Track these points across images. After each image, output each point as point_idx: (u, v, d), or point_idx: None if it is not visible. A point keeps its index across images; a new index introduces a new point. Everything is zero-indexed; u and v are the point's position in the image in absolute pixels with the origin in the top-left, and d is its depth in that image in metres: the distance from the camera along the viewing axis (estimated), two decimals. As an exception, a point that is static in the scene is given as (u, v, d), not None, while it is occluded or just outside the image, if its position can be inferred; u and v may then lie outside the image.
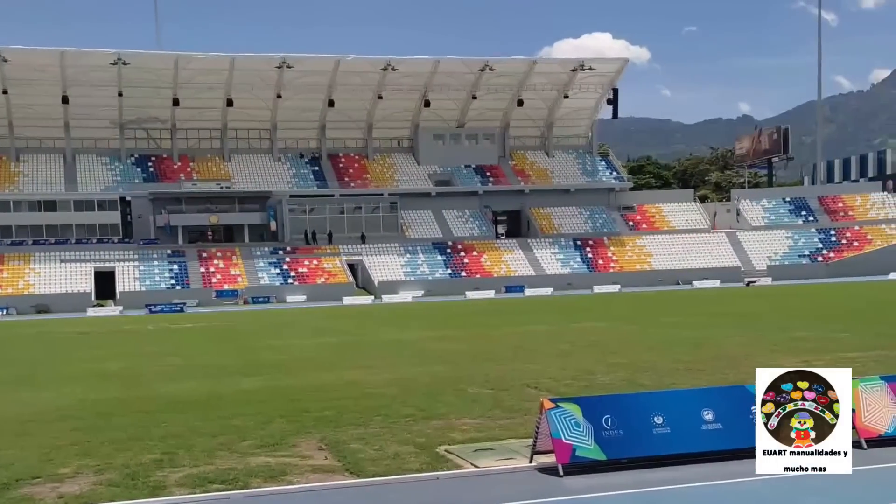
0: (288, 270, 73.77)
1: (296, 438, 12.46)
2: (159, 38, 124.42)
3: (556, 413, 9.93)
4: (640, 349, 22.92)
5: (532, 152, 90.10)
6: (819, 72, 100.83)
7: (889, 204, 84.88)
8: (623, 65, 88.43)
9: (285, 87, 79.82)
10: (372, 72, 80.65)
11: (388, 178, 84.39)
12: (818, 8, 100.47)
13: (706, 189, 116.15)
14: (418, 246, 78.44)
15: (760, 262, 78.32)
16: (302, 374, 20.34)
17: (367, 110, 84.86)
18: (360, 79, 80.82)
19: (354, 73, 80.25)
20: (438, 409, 14.38)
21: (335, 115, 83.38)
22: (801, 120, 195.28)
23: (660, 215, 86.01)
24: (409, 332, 32.93)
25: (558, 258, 78.78)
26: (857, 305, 38.46)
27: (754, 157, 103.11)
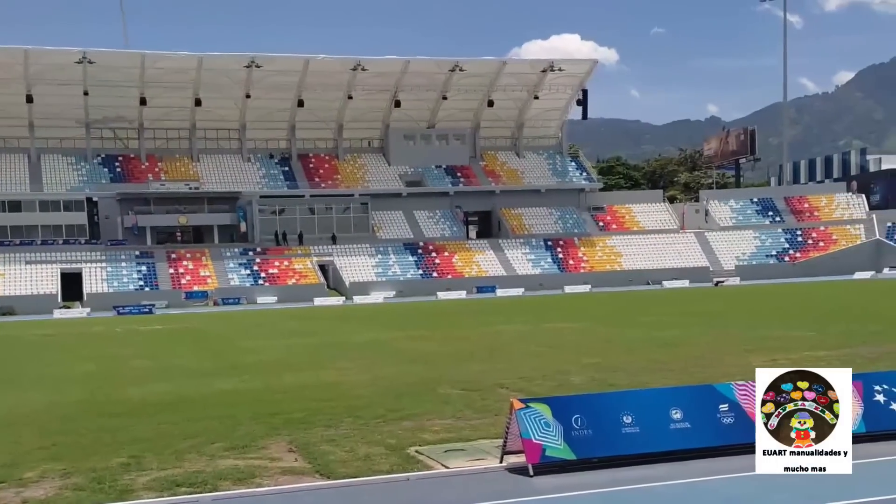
0: (258, 271, 73.39)
1: (265, 440, 12.39)
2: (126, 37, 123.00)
3: (525, 413, 9.94)
4: (610, 349, 23.02)
5: (502, 153, 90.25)
6: (784, 74, 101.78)
7: (853, 204, 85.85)
8: (592, 66, 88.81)
9: (254, 87, 79.35)
10: (342, 72, 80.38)
11: (359, 178, 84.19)
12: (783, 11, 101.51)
13: (675, 190, 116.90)
14: (389, 246, 78.33)
15: (729, 262, 78.94)
16: (272, 375, 20.22)
17: (337, 110, 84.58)
18: (329, 79, 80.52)
19: (324, 73, 79.95)
20: (409, 410, 14.36)
21: (305, 115, 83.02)
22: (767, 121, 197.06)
23: (629, 216, 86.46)
24: (380, 333, 32.83)
25: (529, 258, 78.97)
26: (823, 305, 38.87)
27: (722, 158, 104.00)
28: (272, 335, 34.42)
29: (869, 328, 25.35)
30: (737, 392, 10.68)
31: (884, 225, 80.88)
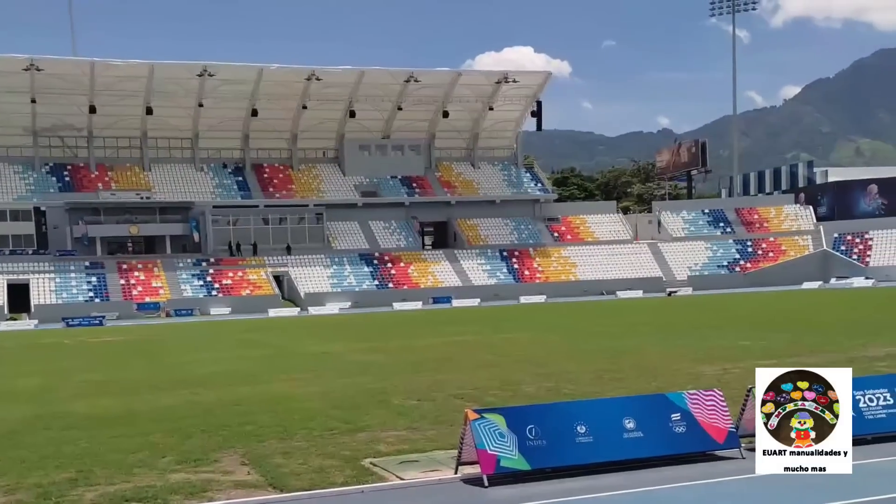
0: (212, 282, 72.63)
1: (217, 454, 12.24)
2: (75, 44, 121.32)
3: (480, 424, 9.93)
4: (565, 359, 23.10)
5: (458, 163, 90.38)
6: (734, 88, 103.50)
7: (801, 216, 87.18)
8: (546, 78, 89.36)
9: (207, 96, 78.51)
10: (296, 81, 79.94)
11: (314, 188, 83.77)
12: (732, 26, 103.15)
13: (629, 201, 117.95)
14: (345, 257, 78.00)
15: (681, 273, 79.72)
16: (225, 387, 20.02)
17: (291, 120, 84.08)
18: (283, 88, 79.98)
19: (278, 82, 79.42)
20: (364, 422, 14.30)
21: (259, 125, 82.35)
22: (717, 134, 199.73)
23: (584, 226, 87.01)
24: (335, 344, 32.69)
25: (485, 269, 79.11)
26: (772, 315, 39.38)
27: (674, 170, 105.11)
28: (225, 347, 34.10)
29: (816, 337, 25.75)
30: (688, 401, 10.77)
31: (831, 236, 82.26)
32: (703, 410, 10.73)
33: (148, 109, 76.99)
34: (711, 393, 11.01)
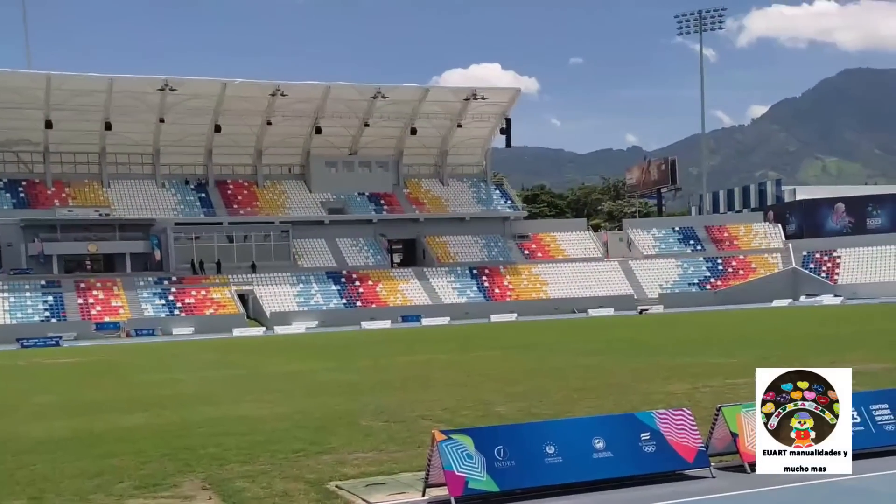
0: (174, 301, 71.78)
1: (177, 478, 11.90)
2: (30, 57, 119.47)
3: (447, 445, 9.73)
4: (535, 378, 22.94)
5: (426, 180, 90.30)
6: (702, 106, 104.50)
7: (771, 234, 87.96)
8: (515, 94, 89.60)
9: (168, 111, 77.64)
10: (260, 97, 79.40)
11: (280, 205, 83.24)
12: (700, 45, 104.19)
13: (599, 218, 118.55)
14: (311, 275, 77.49)
15: (652, 290, 79.97)
16: (187, 409, 19.63)
17: (256, 136, 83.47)
18: (248, 104, 79.31)
19: (242, 97, 78.76)
20: (330, 443, 14.02)
21: (222, 141, 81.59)
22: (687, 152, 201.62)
23: (554, 244, 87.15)
24: (300, 364, 32.36)
25: (454, 287, 78.93)
26: (742, 332, 39.55)
27: (644, 188, 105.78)
28: (188, 367, 33.63)
29: (786, 355, 25.75)
30: (658, 420, 10.64)
31: (799, 253, 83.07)
32: (672, 430, 10.60)
33: (107, 125, 75.89)
34: (681, 412, 10.88)
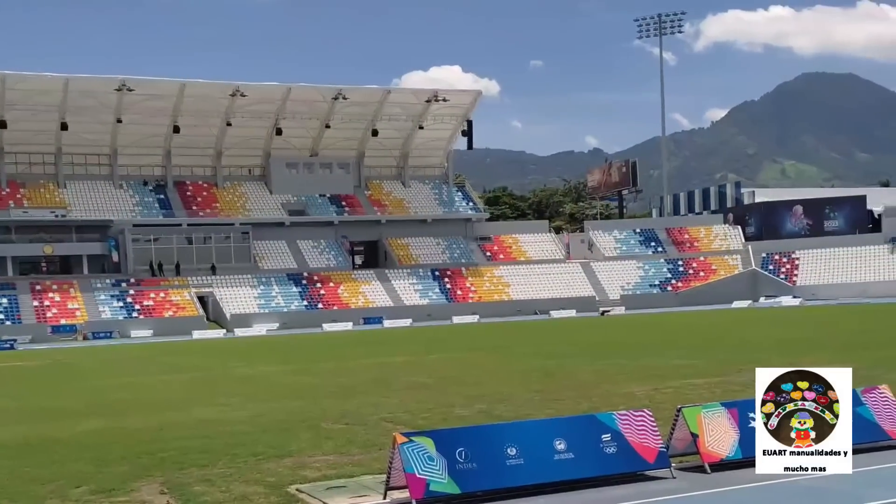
0: (132, 304, 70.98)
1: (136, 482, 11.75)
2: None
3: (408, 447, 9.68)
4: (497, 380, 22.94)
5: (388, 182, 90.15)
6: (662, 109, 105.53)
7: (731, 236, 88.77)
8: (476, 96, 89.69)
9: (126, 111, 76.57)
10: (219, 97, 78.72)
11: (240, 206, 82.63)
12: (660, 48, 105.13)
13: (560, 220, 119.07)
14: (272, 277, 77.02)
15: (614, 292, 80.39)
16: (145, 413, 19.40)
17: (215, 137, 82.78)
18: (207, 104, 78.57)
19: (201, 98, 78.03)
20: (290, 447, 13.92)
21: (181, 142, 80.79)
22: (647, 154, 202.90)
23: (516, 246, 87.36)
24: (261, 367, 32.14)
25: (417, 289, 78.85)
26: (702, 334, 39.88)
27: (605, 190, 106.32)
28: (146, 371, 33.26)
29: (746, 356, 26.00)
30: (619, 421, 10.68)
31: (759, 255, 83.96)
32: (633, 431, 10.64)
33: (63, 125, 74.76)
34: (641, 413, 10.92)
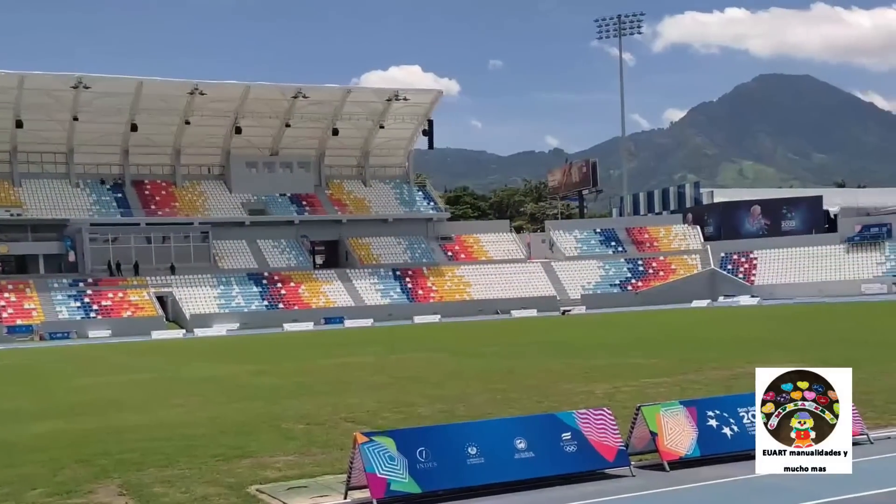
0: (90, 304, 70.16)
1: (93, 484, 11.61)
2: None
3: (369, 447, 9.69)
4: (458, 379, 22.96)
5: (349, 182, 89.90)
6: (622, 109, 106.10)
7: (690, 235, 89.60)
8: (437, 96, 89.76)
9: (83, 109, 75.65)
10: (178, 95, 78.04)
11: (199, 206, 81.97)
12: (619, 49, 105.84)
13: (521, 220, 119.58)
14: (232, 277, 76.51)
15: (575, 291, 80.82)
16: (103, 414, 19.19)
17: (173, 135, 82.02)
18: (165, 103, 77.83)
19: (159, 96, 77.27)
20: (251, 447, 13.82)
21: (139, 140, 79.94)
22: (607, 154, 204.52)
23: (477, 245, 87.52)
24: (221, 368, 31.88)
25: (378, 288, 78.72)
26: (662, 333, 40.18)
27: (566, 189, 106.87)
28: (104, 371, 32.88)
29: (704, 355, 26.29)
30: (579, 420, 10.74)
31: (718, 255, 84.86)
32: (593, 429, 10.71)
33: (18, 122, 73.70)
34: (601, 412, 11.00)
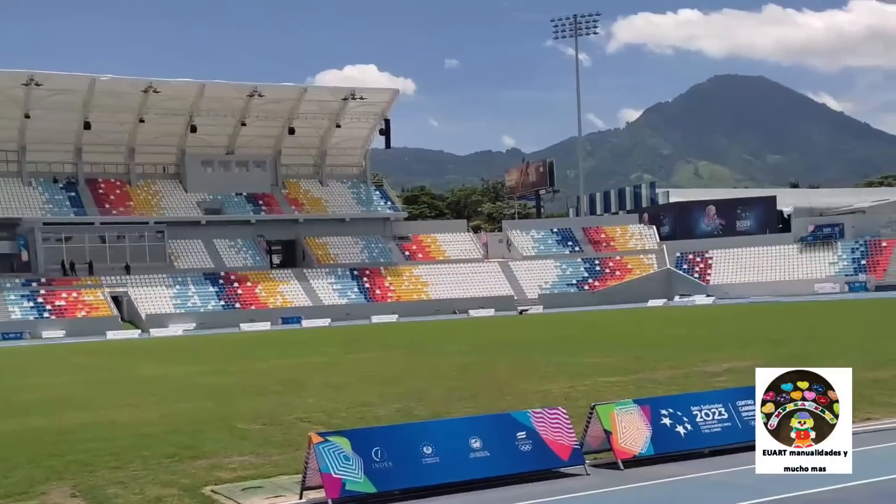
0: (43, 304, 69.13)
1: (45, 486, 11.50)
2: None
3: (324, 447, 9.69)
4: (415, 379, 23.00)
5: (305, 181, 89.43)
6: (578, 110, 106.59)
7: (646, 235, 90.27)
8: (393, 95, 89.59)
9: (34, 107, 74.21)
10: (132, 93, 77.00)
11: (154, 205, 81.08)
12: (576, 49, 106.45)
13: (479, 219, 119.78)
14: (188, 277, 75.78)
15: (532, 291, 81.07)
16: (56, 414, 18.97)
17: (128, 134, 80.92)
18: (119, 100, 76.68)
19: (113, 93, 76.08)
20: (205, 447, 13.77)
21: (93, 138, 78.74)
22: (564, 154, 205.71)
23: (435, 245, 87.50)
24: (176, 367, 31.65)
25: (335, 288, 78.44)
26: (618, 332, 40.50)
27: (523, 189, 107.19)
28: (58, 371, 32.52)
29: (659, 354, 26.54)
30: (533, 419, 10.82)
31: (673, 254, 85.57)
32: (547, 428, 10.79)
33: (-33, 120, 72.55)
34: (556, 411, 11.08)
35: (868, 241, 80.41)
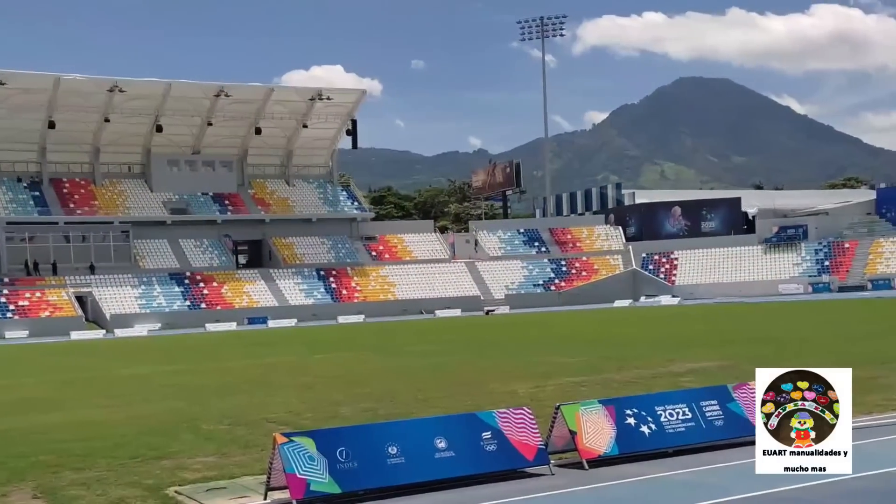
0: (6, 304, 68.25)
1: (6, 487, 11.42)
2: None
3: (289, 448, 9.69)
4: (382, 379, 23.01)
5: (272, 181, 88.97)
6: (545, 111, 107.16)
7: (612, 236, 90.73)
8: (360, 96, 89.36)
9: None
10: (97, 92, 76.17)
11: (119, 205, 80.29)
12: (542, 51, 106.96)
13: (446, 220, 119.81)
14: (154, 277, 75.17)
15: (499, 291, 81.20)
16: (17, 415, 18.79)
17: (92, 133, 80.00)
18: (83, 99, 75.80)
19: (77, 92, 75.18)
20: (170, 448, 13.71)
21: (57, 137, 77.72)
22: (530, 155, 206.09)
23: (402, 245, 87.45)
24: (141, 368, 31.39)
25: (302, 288, 78.16)
26: (584, 332, 40.73)
27: (490, 190, 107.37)
28: (21, 372, 32.15)
29: (625, 354, 26.73)
30: (499, 419, 10.87)
31: (639, 255, 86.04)
32: (513, 428, 10.84)
33: (-72, 120, 71.37)
34: (521, 411, 11.14)
35: (832, 243, 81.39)
